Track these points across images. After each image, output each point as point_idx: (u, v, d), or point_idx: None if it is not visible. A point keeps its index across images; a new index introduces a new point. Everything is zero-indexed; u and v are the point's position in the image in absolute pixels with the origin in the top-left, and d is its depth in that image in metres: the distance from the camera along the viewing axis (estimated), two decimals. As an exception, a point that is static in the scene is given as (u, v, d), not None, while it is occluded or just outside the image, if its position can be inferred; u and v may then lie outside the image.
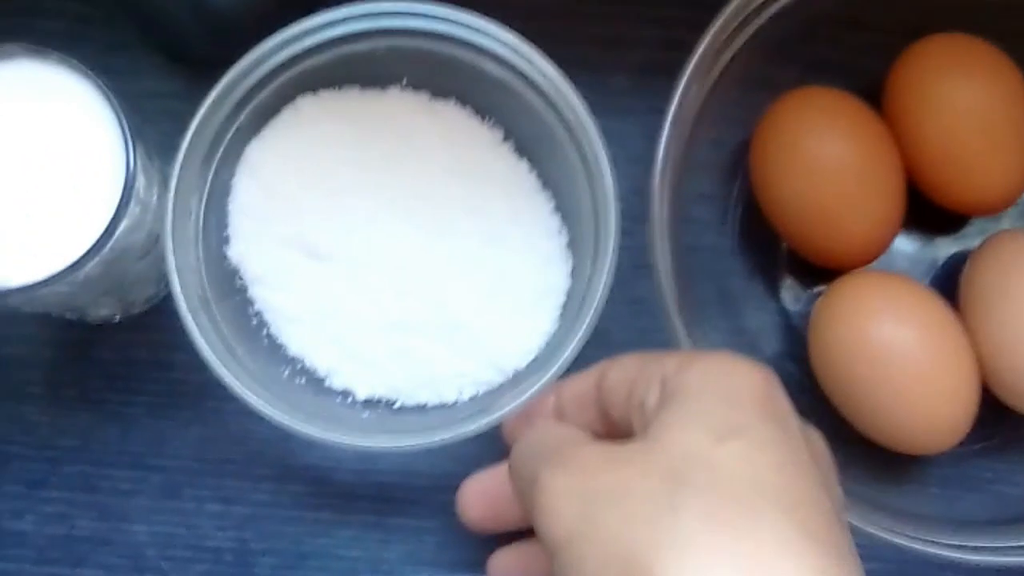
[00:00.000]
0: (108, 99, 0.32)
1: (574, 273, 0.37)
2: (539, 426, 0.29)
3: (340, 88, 0.38)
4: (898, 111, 0.38)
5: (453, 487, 0.39)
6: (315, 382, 0.37)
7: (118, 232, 0.32)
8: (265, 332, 0.37)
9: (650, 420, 0.25)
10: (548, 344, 0.36)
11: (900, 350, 0.36)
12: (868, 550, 0.38)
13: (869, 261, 0.38)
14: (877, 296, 0.37)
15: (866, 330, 0.36)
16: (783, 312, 0.40)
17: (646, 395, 0.26)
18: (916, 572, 0.38)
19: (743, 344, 0.40)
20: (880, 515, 0.35)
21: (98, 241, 0.32)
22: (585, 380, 0.30)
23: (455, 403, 0.37)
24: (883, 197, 0.38)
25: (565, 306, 0.37)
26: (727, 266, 0.40)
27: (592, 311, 0.34)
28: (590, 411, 0.30)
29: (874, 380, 0.36)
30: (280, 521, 0.39)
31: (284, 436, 0.34)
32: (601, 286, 0.34)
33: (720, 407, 0.24)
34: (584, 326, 0.34)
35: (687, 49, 0.35)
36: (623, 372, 0.28)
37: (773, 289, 0.40)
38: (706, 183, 0.40)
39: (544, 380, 0.33)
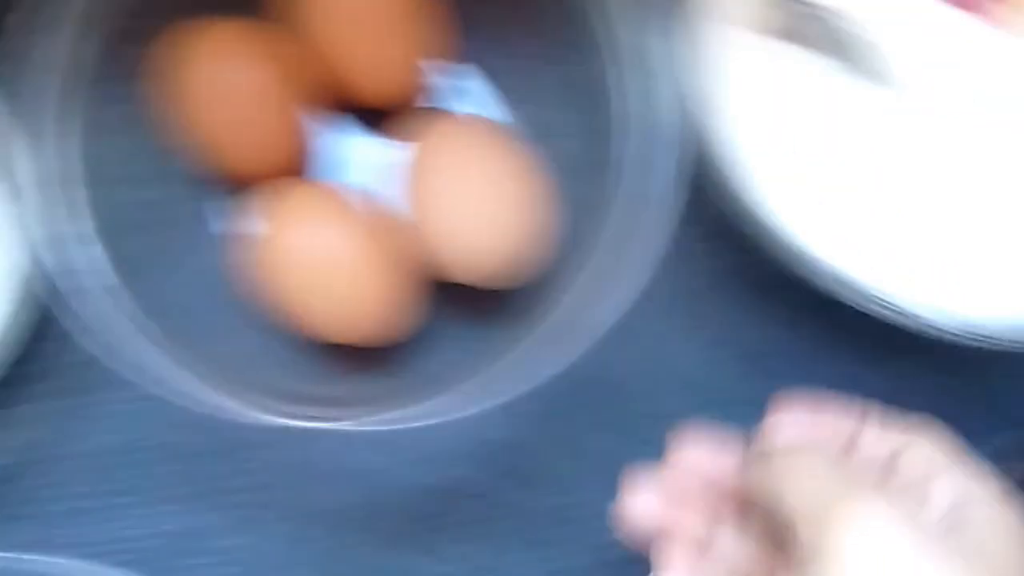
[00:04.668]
0: None
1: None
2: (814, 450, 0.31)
3: None
4: (294, 27, 0.38)
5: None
6: None
7: None
8: None
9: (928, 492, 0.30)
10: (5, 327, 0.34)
11: (311, 252, 0.37)
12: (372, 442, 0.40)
13: (292, 176, 0.39)
14: (289, 207, 0.37)
15: (276, 240, 0.37)
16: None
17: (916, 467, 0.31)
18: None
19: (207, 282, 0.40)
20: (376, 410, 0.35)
21: None
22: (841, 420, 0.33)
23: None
24: (286, 112, 0.38)
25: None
26: (180, 212, 0.40)
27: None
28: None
29: (294, 286, 0.37)
30: None
31: None
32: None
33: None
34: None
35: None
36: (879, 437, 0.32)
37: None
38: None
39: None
